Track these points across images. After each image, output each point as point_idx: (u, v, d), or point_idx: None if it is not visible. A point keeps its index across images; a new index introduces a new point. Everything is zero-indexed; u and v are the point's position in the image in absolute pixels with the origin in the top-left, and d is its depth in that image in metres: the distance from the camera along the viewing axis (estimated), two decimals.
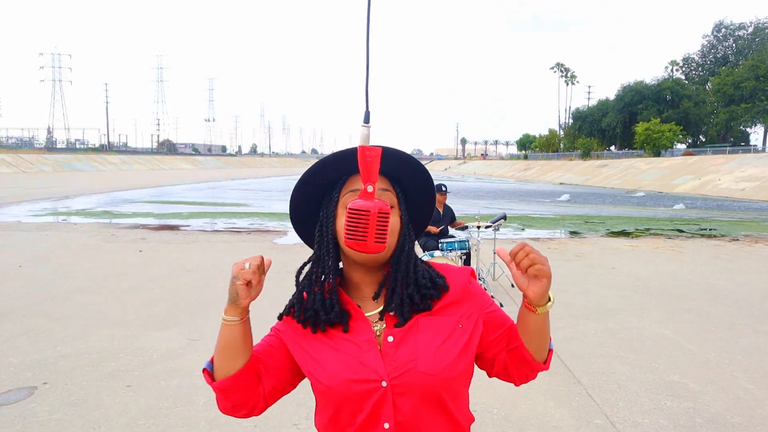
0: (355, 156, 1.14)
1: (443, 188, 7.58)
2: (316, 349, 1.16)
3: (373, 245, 1.08)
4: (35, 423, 3.57)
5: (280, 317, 1.23)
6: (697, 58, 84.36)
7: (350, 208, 1.08)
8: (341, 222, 1.15)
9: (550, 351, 1.25)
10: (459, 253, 7.09)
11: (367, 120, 1.10)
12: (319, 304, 1.16)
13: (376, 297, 1.20)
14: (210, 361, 1.20)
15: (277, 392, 1.23)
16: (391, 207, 1.17)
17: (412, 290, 1.17)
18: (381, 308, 1.19)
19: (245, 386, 1.18)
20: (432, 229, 7.44)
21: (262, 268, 1.12)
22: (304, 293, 1.20)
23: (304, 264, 1.24)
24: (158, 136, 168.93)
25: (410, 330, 1.16)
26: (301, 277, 1.23)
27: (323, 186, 1.22)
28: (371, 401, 1.11)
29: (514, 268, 1.17)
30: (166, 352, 4.90)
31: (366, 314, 1.18)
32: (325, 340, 1.17)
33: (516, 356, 1.25)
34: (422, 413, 1.13)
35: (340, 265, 1.24)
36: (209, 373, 1.19)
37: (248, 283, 1.11)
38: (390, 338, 1.14)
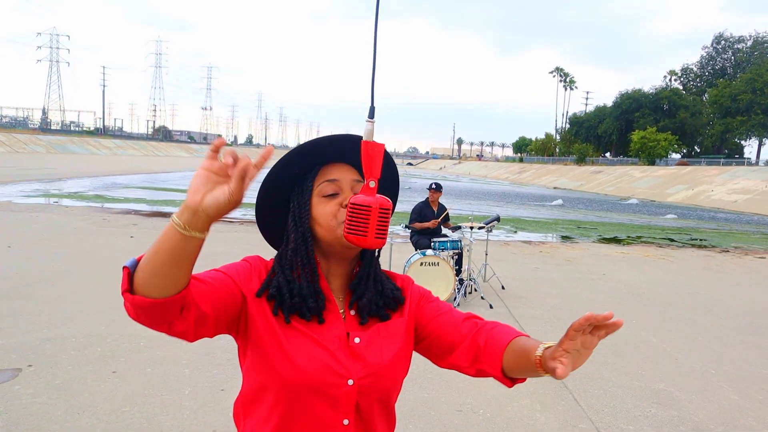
0: (330, 146, 1.19)
1: (433, 185, 7.58)
2: (287, 338, 1.12)
3: (373, 240, 1.08)
4: (18, 405, 3.54)
5: (258, 295, 1.14)
6: (695, 69, 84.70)
7: (351, 203, 1.08)
8: (319, 211, 1.17)
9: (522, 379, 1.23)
10: (451, 252, 7.10)
11: (371, 115, 1.10)
12: (306, 291, 1.15)
13: (351, 286, 1.21)
14: (136, 259, 0.93)
15: (206, 325, 1.04)
16: None
17: (378, 296, 1.21)
18: (343, 310, 1.21)
19: (172, 312, 0.95)
20: (428, 223, 7.44)
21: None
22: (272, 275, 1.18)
23: (281, 251, 1.21)
24: (154, 122, 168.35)
25: (374, 333, 1.19)
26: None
27: (292, 177, 1.22)
28: (335, 397, 1.12)
29: (572, 335, 0.96)
30: (154, 339, 4.87)
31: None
32: (298, 328, 1.14)
33: (488, 374, 1.24)
34: (375, 411, 1.18)
35: None
36: (129, 274, 0.92)
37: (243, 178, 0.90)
38: (357, 339, 1.17)
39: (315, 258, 1.18)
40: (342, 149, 1.20)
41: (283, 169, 1.21)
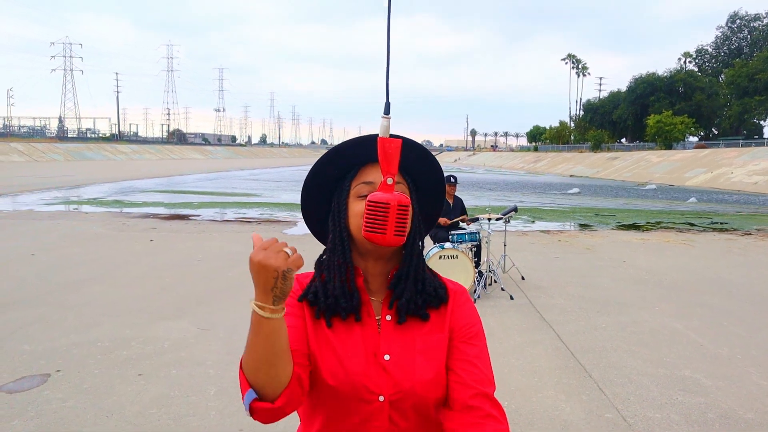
0: (367, 145, 1.17)
1: (452, 179, 7.54)
2: (326, 345, 1.14)
3: (392, 238, 1.07)
4: (48, 410, 3.60)
5: (300, 300, 1.18)
6: (710, 50, 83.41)
7: (369, 201, 1.07)
8: (353, 211, 1.17)
9: None
10: (469, 245, 7.07)
11: (387, 111, 1.09)
12: (339, 291, 1.15)
13: (391, 286, 1.20)
14: (246, 387, 1.03)
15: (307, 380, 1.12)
16: None
17: (418, 295, 1.18)
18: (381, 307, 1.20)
19: (299, 390, 1.07)
20: (443, 220, 7.42)
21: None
22: (322, 275, 1.19)
23: (322, 254, 1.23)
24: (168, 125, 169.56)
25: (409, 345, 1.16)
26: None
27: (334, 176, 1.22)
28: (367, 413, 1.12)
29: None
30: (177, 342, 4.92)
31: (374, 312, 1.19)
32: (334, 336, 1.15)
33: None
34: (413, 424, 1.15)
35: None
36: (259, 401, 1.02)
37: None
38: (387, 356, 1.14)
39: (352, 258, 1.18)
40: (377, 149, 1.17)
41: (322, 169, 1.22)
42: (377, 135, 1.15)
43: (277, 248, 0.96)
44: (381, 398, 1.12)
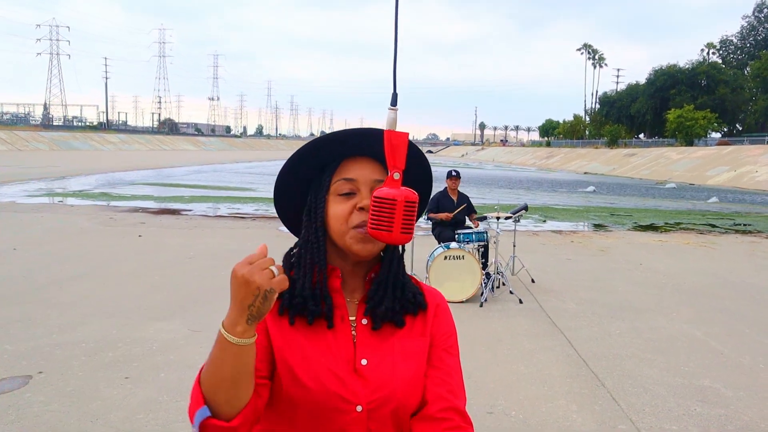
0: (351, 139, 1.17)
1: (453, 173, 7.54)
2: (291, 349, 1.12)
3: (399, 236, 1.07)
4: (30, 414, 3.61)
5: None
6: (735, 41, 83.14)
7: (375, 196, 1.07)
8: (334, 212, 1.15)
9: None
10: (476, 245, 7.07)
11: (394, 102, 1.09)
12: (308, 293, 1.13)
13: (369, 293, 1.19)
14: (199, 405, 1.01)
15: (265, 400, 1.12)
16: None
17: (397, 303, 1.18)
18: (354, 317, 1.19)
19: (257, 408, 1.06)
20: (442, 215, 7.41)
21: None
22: (291, 272, 1.18)
23: (292, 248, 1.22)
24: (159, 114, 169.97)
25: (388, 350, 1.16)
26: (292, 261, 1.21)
27: (313, 169, 1.21)
28: (344, 423, 1.10)
29: None
30: (167, 343, 4.93)
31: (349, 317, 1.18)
32: (301, 338, 1.13)
33: None
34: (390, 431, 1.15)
35: None
36: (213, 418, 0.99)
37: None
38: (363, 361, 1.13)
39: (326, 258, 1.17)
40: (365, 143, 1.17)
41: (300, 161, 1.20)
42: (366, 128, 1.16)
43: (263, 265, 0.94)
44: (359, 408, 1.10)
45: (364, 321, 1.17)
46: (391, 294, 1.18)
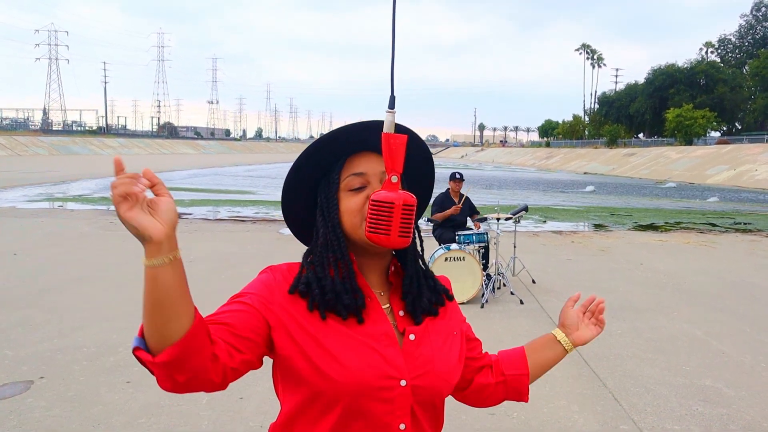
0: (353, 135, 1.17)
1: (457, 176, 7.54)
2: (326, 338, 1.10)
3: (397, 239, 1.07)
4: (31, 419, 3.61)
5: (291, 292, 1.14)
6: (734, 40, 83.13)
7: (372, 200, 1.07)
8: (346, 207, 1.16)
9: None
10: (477, 246, 7.07)
11: (392, 105, 1.09)
12: (340, 287, 1.12)
13: (404, 287, 1.21)
14: (139, 335, 0.98)
15: (245, 367, 1.09)
16: None
17: (432, 294, 1.23)
18: (388, 305, 1.20)
19: (198, 353, 0.98)
20: (449, 211, 7.40)
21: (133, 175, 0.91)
22: (307, 269, 1.17)
23: (311, 248, 1.21)
24: (159, 119, 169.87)
25: (425, 331, 1.19)
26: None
27: (320, 169, 1.21)
28: (390, 400, 1.09)
29: (577, 308, 1.40)
30: None
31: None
32: (337, 327, 1.11)
33: (513, 384, 1.40)
34: (428, 414, 1.17)
35: None
36: (142, 350, 0.97)
37: (126, 197, 0.89)
38: (412, 336, 1.15)
39: (347, 251, 1.16)
40: (368, 137, 1.16)
41: (305, 164, 1.20)
42: (366, 122, 1.16)
43: (114, 188, 0.89)
44: (403, 382, 1.10)
45: (401, 313, 1.19)
46: (425, 284, 1.23)
